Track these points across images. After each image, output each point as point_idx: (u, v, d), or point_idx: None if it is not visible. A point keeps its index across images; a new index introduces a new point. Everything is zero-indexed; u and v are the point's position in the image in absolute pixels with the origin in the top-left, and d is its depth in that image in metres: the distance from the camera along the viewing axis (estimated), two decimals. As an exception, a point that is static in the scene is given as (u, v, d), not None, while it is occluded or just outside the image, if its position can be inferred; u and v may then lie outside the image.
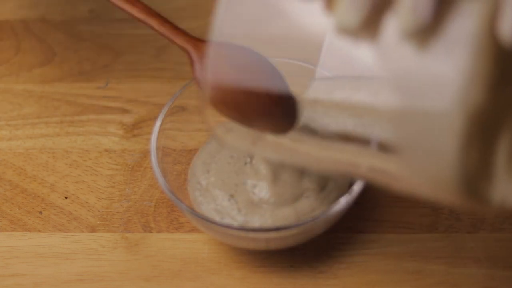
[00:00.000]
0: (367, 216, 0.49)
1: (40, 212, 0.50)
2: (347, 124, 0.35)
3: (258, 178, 0.46)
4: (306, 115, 0.39)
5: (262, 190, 0.46)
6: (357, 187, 0.44)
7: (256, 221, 0.45)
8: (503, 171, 0.31)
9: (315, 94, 0.38)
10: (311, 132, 0.39)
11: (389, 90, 0.31)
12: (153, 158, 0.46)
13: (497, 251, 0.47)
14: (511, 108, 0.32)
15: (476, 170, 0.30)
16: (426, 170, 0.31)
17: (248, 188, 0.46)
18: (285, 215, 0.45)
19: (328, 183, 0.46)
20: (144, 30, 0.62)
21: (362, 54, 0.32)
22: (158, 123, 0.48)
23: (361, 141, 0.35)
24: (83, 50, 0.61)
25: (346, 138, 0.36)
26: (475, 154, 0.30)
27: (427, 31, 0.29)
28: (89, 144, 0.54)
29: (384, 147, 0.33)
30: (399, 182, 0.35)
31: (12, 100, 0.57)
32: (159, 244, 0.48)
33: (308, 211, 0.45)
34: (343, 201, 0.43)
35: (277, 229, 0.43)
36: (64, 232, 0.49)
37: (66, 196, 0.51)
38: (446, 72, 0.29)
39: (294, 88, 0.41)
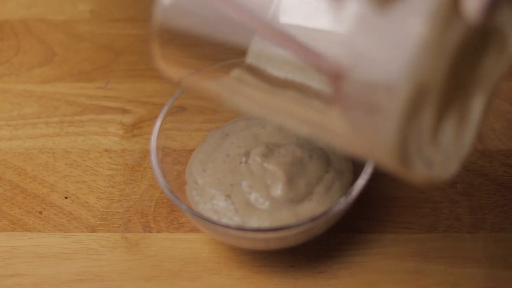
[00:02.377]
0: (367, 216, 0.49)
1: (40, 212, 0.50)
2: (289, 74, 0.35)
3: (254, 179, 0.46)
4: (253, 57, 0.38)
5: (277, 189, 0.46)
6: (357, 187, 0.44)
7: (253, 223, 0.45)
8: (429, 142, 0.31)
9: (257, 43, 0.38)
10: (255, 74, 0.38)
11: (338, 46, 0.31)
12: (153, 158, 0.46)
13: (497, 251, 0.47)
14: (460, 84, 0.32)
15: (410, 138, 0.30)
16: (365, 129, 0.31)
17: (244, 189, 0.46)
18: (283, 217, 0.45)
19: (335, 184, 0.46)
20: (144, 30, 0.62)
21: (319, 4, 0.32)
22: (158, 123, 0.48)
23: (303, 90, 0.35)
24: (83, 50, 0.61)
25: (287, 84, 0.35)
26: (414, 122, 0.30)
27: None
28: (89, 144, 0.54)
29: (326, 100, 0.33)
30: (338, 139, 0.34)
31: (12, 100, 0.57)
32: (159, 244, 0.48)
33: (308, 213, 0.45)
34: (343, 201, 0.43)
35: (277, 229, 0.43)
36: (64, 232, 0.49)
37: (66, 196, 0.51)
38: (399, 39, 0.29)
39: None
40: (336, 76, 0.31)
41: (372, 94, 0.30)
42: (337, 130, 0.34)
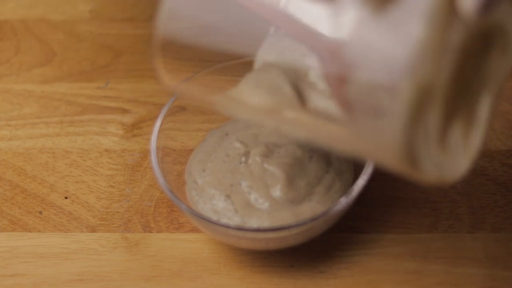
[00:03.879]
0: (367, 216, 0.49)
1: (40, 212, 0.50)
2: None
3: (256, 179, 0.46)
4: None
5: (277, 190, 0.46)
6: (357, 187, 0.44)
7: (253, 223, 0.45)
8: (436, 143, 0.31)
9: (266, 52, 0.38)
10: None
11: (339, 54, 0.31)
12: (153, 158, 0.46)
13: (497, 251, 0.47)
14: (466, 86, 0.32)
15: (417, 140, 0.30)
16: (370, 132, 0.31)
17: (244, 189, 0.46)
18: (283, 217, 0.45)
19: (335, 184, 0.46)
20: (144, 30, 0.62)
21: (318, 14, 0.32)
22: (158, 123, 0.48)
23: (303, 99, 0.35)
24: (83, 50, 0.61)
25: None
26: (420, 123, 0.30)
27: None
28: (89, 144, 0.54)
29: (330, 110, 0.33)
30: (342, 144, 0.35)
31: (12, 100, 0.57)
32: (159, 244, 0.48)
33: (308, 214, 0.45)
34: (343, 201, 0.43)
35: (277, 229, 0.43)
36: (64, 232, 0.49)
37: (66, 196, 0.51)
38: (399, 41, 0.29)
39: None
40: (339, 80, 0.31)
41: (375, 97, 0.30)
42: (342, 135, 0.34)
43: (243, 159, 0.47)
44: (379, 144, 0.31)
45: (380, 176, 0.50)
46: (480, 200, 0.49)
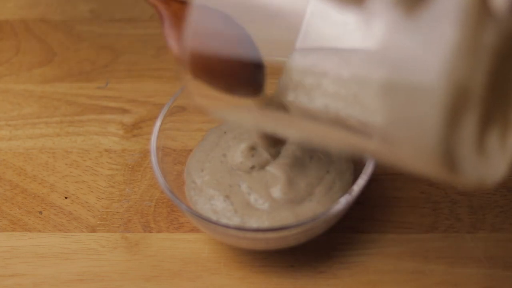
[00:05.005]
0: (367, 216, 0.49)
1: (40, 212, 0.50)
2: (325, 100, 0.35)
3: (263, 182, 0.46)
4: (284, 87, 0.39)
5: (277, 191, 0.45)
6: (357, 187, 0.44)
7: (253, 223, 0.45)
8: (474, 146, 0.31)
9: (297, 65, 0.38)
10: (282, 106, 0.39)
11: (374, 61, 0.31)
12: (153, 158, 0.46)
13: (497, 251, 0.47)
14: (503, 89, 0.32)
15: (456, 144, 0.30)
16: (410, 141, 0.31)
17: (243, 190, 0.46)
18: (283, 217, 0.45)
19: (335, 184, 0.46)
20: (144, 30, 0.62)
21: (347, 22, 0.32)
22: (158, 123, 0.48)
23: (337, 120, 0.35)
24: (83, 50, 0.61)
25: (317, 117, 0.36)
26: (458, 127, 0.30)
27: None
28: (89, 144, 0.54)
29: (363, 125, 0.33)
30: (378, 156, 0.35)
31: (12, 100, 0.57)
32: (159, 244, 0.48)
33: (308, 214, 0.45)
34: (343, 201, 0.43)
35: (277, 229, 0.43)
36: (64, 232, 0.49)
37: (66, 196, 0.51)
38: (433, 43, 0.29)
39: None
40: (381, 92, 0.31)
41: (412, 103, 0.30)
42: (375, 145, 0.33)
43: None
44: (416, 150, 0.31)
45: (380, 176, 0.50)
46: (480, 200, 0.49)
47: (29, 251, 0.48)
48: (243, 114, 0.42)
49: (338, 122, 0.35)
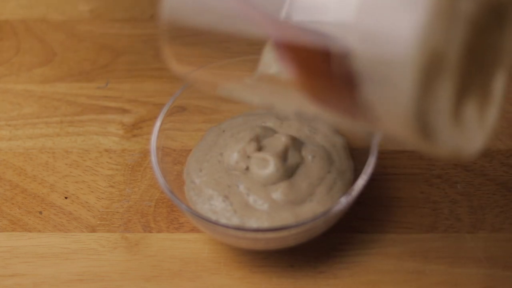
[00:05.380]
0: (367, 216, 0.49)
1: (40, 212, 0.50)
2: None
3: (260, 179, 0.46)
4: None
5: (277, 192, 0.45)
6: (357, 187, 0.44)
7: (252, 224, 0.45)
8: (450, 115, 0.31)
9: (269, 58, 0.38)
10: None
11: (350, 28, 0.31)
12: (153, 158, 0.46)
13: (497, 251, 0.47)
14: (480, 62, 0.32)
15: (430, 110, 0.30)
16: (387, 107, 0.31)
17: (242, 191, 0.46)
18: (282, 218, 0.45)
19: (336, 183, 0.46)
20: (144, 30, 0.62)
21: None
22: (158, 123, 0.48)
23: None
24: (83, 50, 0.61)
25: None
26: (433, 92, 0.30)
27: None
28: (89, 144, 0.54)
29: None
30: (365, 124, 0.34)
31: (12, 100, 0.57)
32: (159, 244, 0.48)
33: (308, 214, 0.45)
34: (343, 201, 0.43)
35: (277, 229, 0.43)
36: (64, 232, 0.49)
37: (66, 196, 0.51)
38: (408, 6, 0.28)
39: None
40: (343, 55, 0.31)
41: (385, 64, 0.29)
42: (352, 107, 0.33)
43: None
44: (391, 115, 0.31)
45: (380, 176, 0.50)
46: (480, 200, 0.49)
47: (29, 251, 0.48)
48: (239, 89, 0.41)
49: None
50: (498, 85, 0.34)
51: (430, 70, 0.29)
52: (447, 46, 0.29)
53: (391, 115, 0.31)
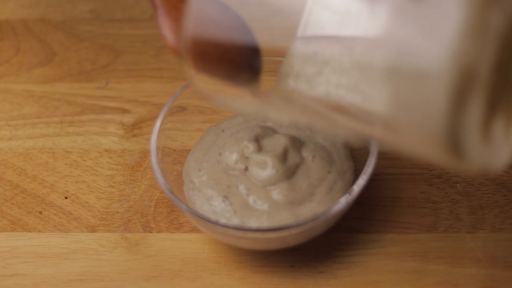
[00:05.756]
0: (367, 216, 0.49)
1: (40, 212, 0.50)
2: (330, 86, 0.35)
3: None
4: (286, 75, 0.39)
5: (277, 193, 0.45)
6: (357, 187, 0.44)
7: (252, 224, 0.45)
8: (480, 132, 0.31)
9: (299, 53, 0.38)
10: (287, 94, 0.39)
11: (378, 47, 0.31)
12: (153, 158, 0.46)
13: (497, 251, 0.47)
14: (507, 75, 0.32)
15: (461, 128, 0.30)
16: (415, 126, 0.31)
17: (242, 191, 0.46)
18: (282, 218, 0.45)
19: (336, 184, 0.46)
20: (144, 30, 0.62)
21: (349, 9, 0.32)
22: (158, 123, 0.48)
23: (341, 107, 0.35)
24: (83, 50, 0.61)
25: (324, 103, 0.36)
26: (464, 110, 0.30)
27: None
28: (89, 144, 0.54)
29: (365, 114, 0.33)
30: (382, 141, 0.34)
31: (12, 100, 0.57)
32: (159, 244, 0.48)
33: (308, 214, 0.45)
34: (343, 201, 0.43)
35: (277, 229, 0.43)
36: (64, 232, 0.49)
37: (66, 196, 0.51)
38: (438, 26, 0.28)
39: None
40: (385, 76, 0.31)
41: (418, 86, 0.29)
42: (378, 131, 0.33)
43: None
44: (421, 135, 0.31)
45: (380, 176, 0.50)
46: (480, 200, 0.49)
47: (29, 251, 0.48)
48: (245, 102, 0.42)
49: (340, 110, 0.35)
50: None
51: (462, 86, 0.29)
52: (478, 62, 0.29)
53: (419, 136, 0.31)
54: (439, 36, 0.28)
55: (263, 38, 0.38)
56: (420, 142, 0.32)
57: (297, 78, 0.37)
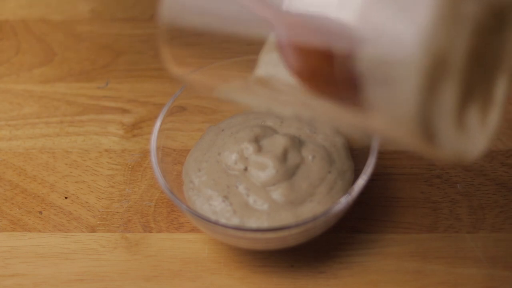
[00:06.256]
0: (367, 216, 0.49)
1: (40, 212, 0.50)
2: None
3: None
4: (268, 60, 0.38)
5: (277, 193, 0.45)
6: (357, 187, 0.44)
7: (252, 224, 0.45)
8: (453, 119, 0.31)
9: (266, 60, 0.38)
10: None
11: (350, 24, 0.31)
12: (153, 158, 0.46)
13: (497, 251, 0.47)
14: (483, 65, 0.32)
15: (434, 114, 0.30)
16: (389, 109, 0.31)
17: (241, 191, 0.46)
18: (282, 218, 0.45)
19: (337, 184, 0.46)
20: (144, 30, 0.62)
21: None
22: (158, 123, 0.48)
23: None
24: (83, 50, 0.61)
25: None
26: (436, 95, 0.30)
27: None
28: (89, 144, 0.54)
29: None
30: (365, 128, 0.34)
31: (12, 100, 0.57)
32: (159, 244, 0.48)
33: (309, 214, 0.45)
34: (343, 201, 0.43)
35: (277, 229, 0.43)
36: (64, 232, 0.49)
37: (66, 196, 0.51)
38: (413, 9, 0.28)
39: None
40: (349, 55, 0.31)
41: (389, 67, 0.29)
42: (352, 113, 0.33)
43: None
44: (393, 117, 0.31)
45: (380, 176, 0.50)
46: (480, 200, 0.49)
47: (29, 251, 0.48)
48: (236, 92, 0.41)
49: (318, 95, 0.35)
50: (500, 89, 0.34)
51: (434, 73, 0.29)
52: (451, 49, 0.29)
53: (393, 117, 0.31)
54: (412, 20, 0.29)
55: (247, 24, 0.38)
56: (395, 125, 0.32)
57: (277, 65, 0.36)
